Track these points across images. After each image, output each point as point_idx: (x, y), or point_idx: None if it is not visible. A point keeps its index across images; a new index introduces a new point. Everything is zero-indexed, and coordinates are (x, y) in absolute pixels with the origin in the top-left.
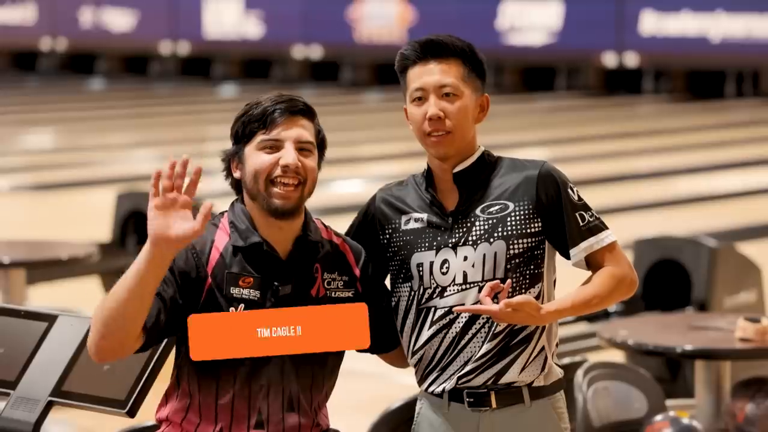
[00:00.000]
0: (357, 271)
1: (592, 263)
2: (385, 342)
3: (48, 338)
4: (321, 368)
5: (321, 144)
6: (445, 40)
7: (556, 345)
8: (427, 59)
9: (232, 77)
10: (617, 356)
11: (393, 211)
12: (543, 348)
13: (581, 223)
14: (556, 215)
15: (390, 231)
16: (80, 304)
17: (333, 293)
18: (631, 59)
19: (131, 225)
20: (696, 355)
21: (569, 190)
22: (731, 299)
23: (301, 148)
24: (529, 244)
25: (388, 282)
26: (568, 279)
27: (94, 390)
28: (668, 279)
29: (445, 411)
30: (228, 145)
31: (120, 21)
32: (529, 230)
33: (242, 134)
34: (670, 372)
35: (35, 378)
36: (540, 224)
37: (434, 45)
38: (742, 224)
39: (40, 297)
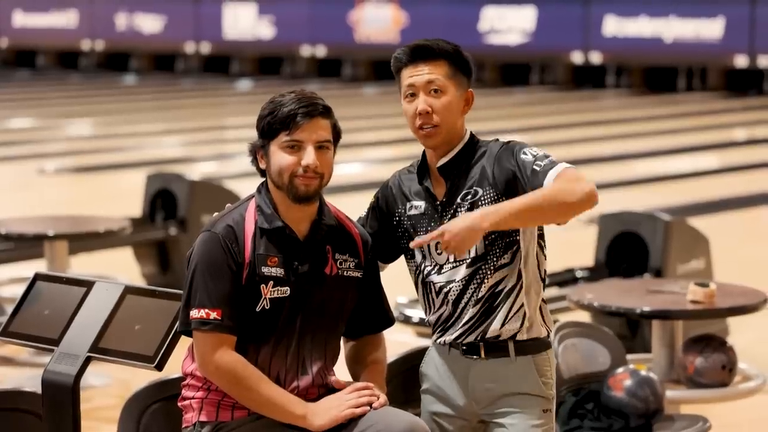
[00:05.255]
0: (362, 256)
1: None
2: (368, 324)
3: (87, 302)
4: (334, 340)
5: (337, 135)
6: (431, 45)
7: (544, 302)
8: (417, 61)
9: (248, 73)
10: (584, 317)
11: (400, 196)
12: (522, 305)
13: (539, 170)
14: (519, 182)
15: (398, 214)
16: (115, 271)
17: (344, 272)
18: (596, 57)
19: (159, 202)
20: (653, 316)
21: (522, 154)
22: (683, 267)
23: (320, 146)
24: None
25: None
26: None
27: (126, 347)
28: (628, 249)
29: (446, 356)
30: (245, 133)
31: (150, 24)
32: None
33: (267, 132)
34: (630, 330)
35: (76, 336)
36: (505, 201)
37: (423, 49)
38: (692, 201)
39: (80, 265)
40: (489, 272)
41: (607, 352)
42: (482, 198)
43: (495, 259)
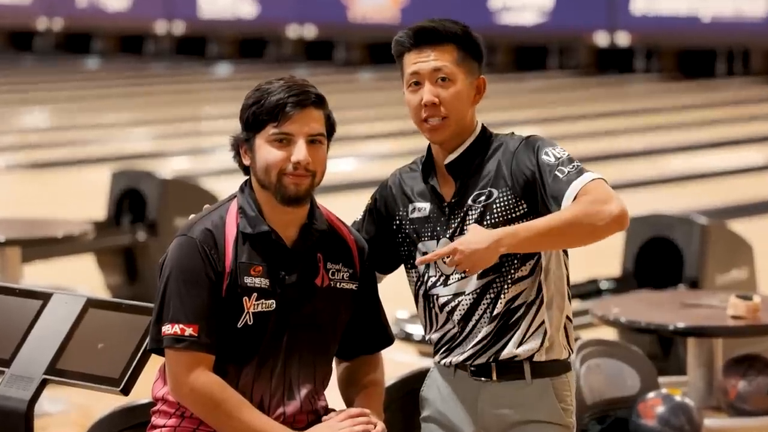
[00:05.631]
0: (358, 266)
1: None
2: (364, 343)
3: (43, 316)
4: (325, 360)
5: (331, 128)
6: (437, 27)
7: (569, 320)
8: (422, 46)
9: (227, 57)
10: (610, 334)
11: (402, 197)
12: (543, 322)
13: (562, 177)
14: (538, 186)
15: (399, 217)
16: (75, 281)
17: (338, 284)
18: (623, 38)
19: (126, 203)
20: (688, 333)
21: (545, 156)
22: (723, 277)
23: (312, 140)
24: None
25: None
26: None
27: (88, 368)
28: (660, 257)
29: (451, 378)
30: (225, 124)
31: (115, 1)
32: (514, 215)
33: (253, 123)
34: (662, 349)
35: (30, 356)
36: (525, 206)
37: (427, 31)
38: (732, 202)
39: (36, 275)
40: (505, 286)
41: (636, 375)
42: (497, 200)
43: (512, 270)
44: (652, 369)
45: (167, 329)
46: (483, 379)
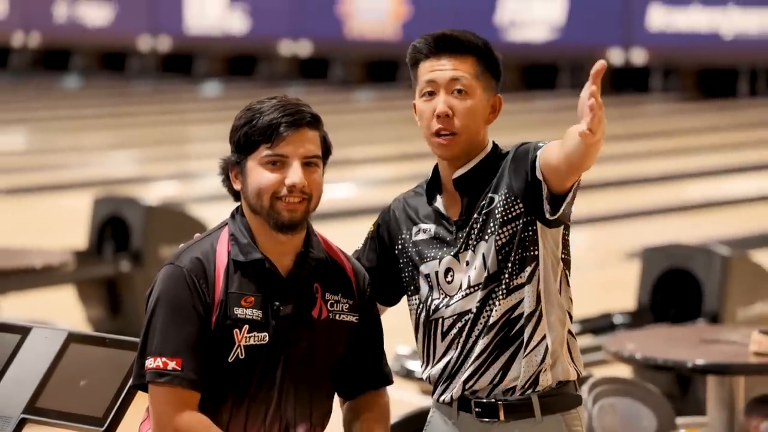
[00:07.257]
0: (358, 296)
1: (551, 158)
2: (365, 380)
3: (21, 352)
4: (323, 397)
5: (326, 150)
6: (459, 36)
7: (571, 335)
8: (440, 54)
9: (216, 75)
10: (624, 371)
11: (406, 220)
12: (544, 336)
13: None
14: (533, 181)
15: (402, 241)
16: (55, 315)
17: (337, 315)
18: (639, 56)
19: (108, 231)
20: (708, 370)
21: (541, 143)
22: (745, 311)
23: (307, 162)
24: (513, 229)
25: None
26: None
27: (69, 407)
28: (678, 289)
29: (454, 420)
30: (213, 146)
31: (96, 15)
32: (511, 215)
33: (244, 145)
34: (680, 388)
35: (7, 394)
36: (521, 205)
37: (448, 40)
38: (757, 231)
39: (12, 308)
40: (501, 294)
41: (652, 415)
42: (498, 204)
43: (508, 277)
44: (669, 409)
45: (150, 363)
46: (489, 420)
